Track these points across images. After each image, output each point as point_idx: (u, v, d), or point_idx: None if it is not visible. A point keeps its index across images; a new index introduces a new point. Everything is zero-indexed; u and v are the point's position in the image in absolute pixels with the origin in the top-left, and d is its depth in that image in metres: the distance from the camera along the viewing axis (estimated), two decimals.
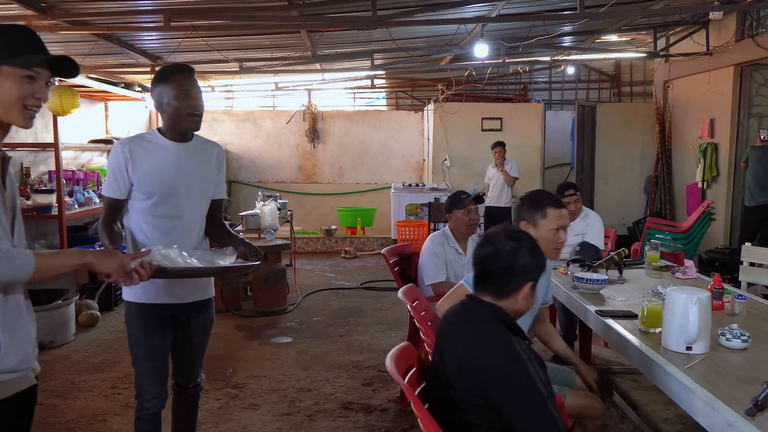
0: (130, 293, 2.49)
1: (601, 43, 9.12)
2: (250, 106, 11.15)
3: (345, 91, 11.26)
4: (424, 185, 9.48)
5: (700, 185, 8.07)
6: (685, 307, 2.27)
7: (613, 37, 8.74)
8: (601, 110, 9.64)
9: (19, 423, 1.72)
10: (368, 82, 10.81)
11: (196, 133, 2.61)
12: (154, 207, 2.47)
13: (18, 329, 1.67)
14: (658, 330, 2.48)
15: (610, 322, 2.74)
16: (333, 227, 9.84)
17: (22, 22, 5.18)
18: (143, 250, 2.18)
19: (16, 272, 1.59)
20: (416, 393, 1.89)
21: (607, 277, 3.42)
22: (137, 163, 2.44)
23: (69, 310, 5.09)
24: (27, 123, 1.65)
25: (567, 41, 8.75)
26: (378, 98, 11.64)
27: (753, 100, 7.60)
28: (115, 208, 2.51)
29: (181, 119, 2.46)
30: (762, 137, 7.06)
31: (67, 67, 1.72)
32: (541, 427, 1.72)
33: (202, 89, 2.56)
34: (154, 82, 2.48)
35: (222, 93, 10.83)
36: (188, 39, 6.26)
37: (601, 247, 4.48)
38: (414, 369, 1.99)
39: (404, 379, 1.85)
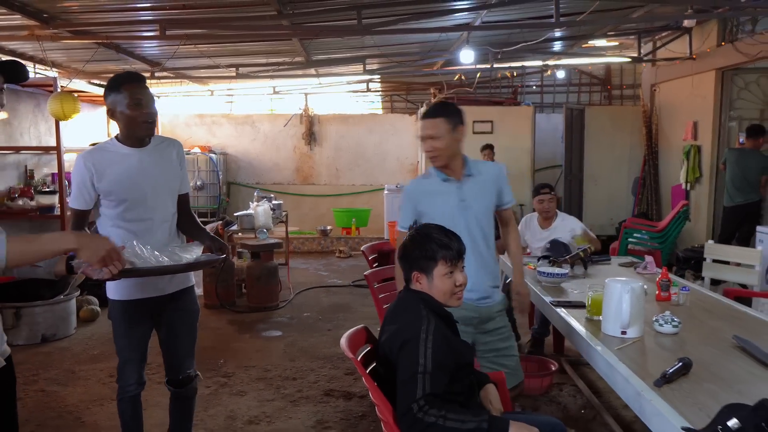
0: (113, 291, 2.67)
1: (590, 48, 9.36)
2: (248, 110, 11.43)
3: (343, 94, 11.51)
4: None
5: (684, 186, 8.29)
6: (620, 296, 2.52)
7: (602, 42, 8.98)
8: (589, 113, 9.86)
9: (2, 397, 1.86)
10: (364, 86, 11.07)
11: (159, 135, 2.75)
12: (125, 212, 2.60)
13: None
14: (600, 317, 2.73)
15: (560, 310, 2.99)
16: (329, 228, 10.11)
17: (25, 32, 5.47)
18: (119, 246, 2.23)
19: None
20: (368, 371, 2.12)
21: (567, 271, 3.67)
22: (102, 174, 2.56)
23: (70, 305, 5.37)
24: None
25: (556, 45, 9.01)
26: (373, 102, 11.89)
27: (734, 104, 7.82)
28: (82, 218, 2.65)
29: (136, 127, 2.55)
30: (741, 140, 7.30)
31: (17, 72, 1.85)
32: (402, 392, 1.90)
33: (196, 95, 2.77)
34: (107, 90, 2.55)
35: (221, 97, 11.11)
36: (184, 46, 6.53)
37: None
38: (368, 348, 2.25)
39: (357, 357, 2.10)
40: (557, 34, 7.94)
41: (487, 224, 2.81)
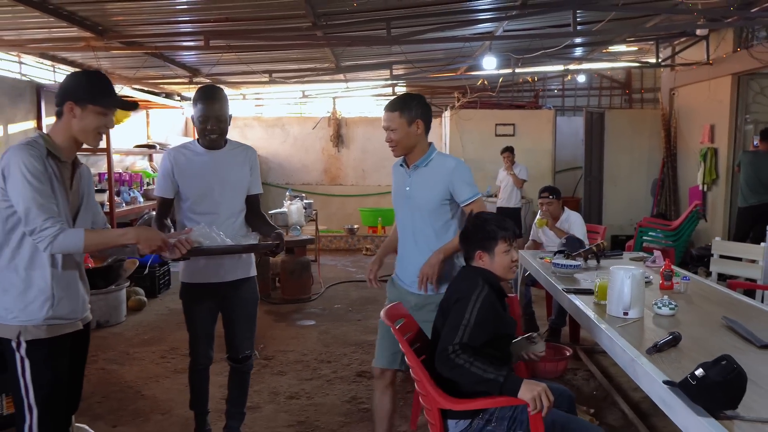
0: (182, 274, 3.09)
1: (610, 53, 9.64)
2: (278, 113, 11.89)
3: (369, 98, 11.91)
4: None
5: (701, 188, 8.54)
6: (622, 281, 2.87)
7: (621, 47, 9.26)
8: (609, 116, 10.13)
9: (76, 356, 2.45)
10: (390, 90, 11.46)
11: (230, 138, 3.13)
12: (194, 205, 3.00)
13: (72, 289, 2.34)
14: (605, 302, 3.07)
15: (571, 296, 3.34)
16: (356, 226, 10.53)
17: (81, 44, 5.95)
18: (185, 229, 2.78)
19: (70, 245, 2.17)
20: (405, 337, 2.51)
21: (579, 263, 4.01)
22: (180, 169, 3.00)
23: (121, 295, 5.83)
24: (96, 144, 2.39)
25: (576, 51, 9.30)
26: None
27: (749, 108, 8.06)
28: (164, 206, 3.08)
29: (201, 136, 3.01)
30: (755, 143, 7.54)
31: (130, 104, 2.45)
32: (445, 335, 2.30)
33: (229, 100, 3.10)
34: (192, 101, 3.04)
35: (253, 100, 11.59)
36: (222, 54, 6.97)
37: (585, 241, 5.06)
38: (404, 320, 2.63)
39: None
40: (577, 40, 8.25)
41: (436, 218, 2.85)
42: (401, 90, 11.67)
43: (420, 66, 9.25)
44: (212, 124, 2.95)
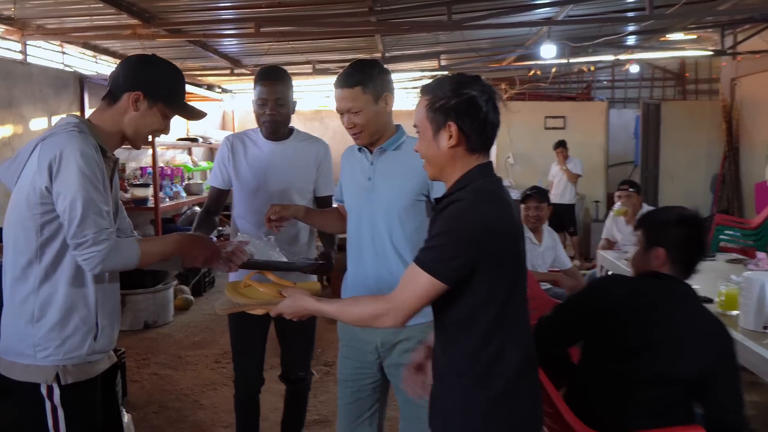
0: (231, 276, 2.61)
1: (665, 41, 9.16)
2: (316, 105, 11.58)
3: (410, 90, 11.57)
4: None
5: None
6: (762, 290, 2.49)
7: (679, 35, 8.78)
8: (665, 108, 9.67)
9: (106, 390, 1.96)
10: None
11: (299, 129, 2.75)
12: (247, 202, 2.64)
13: (114, 314, 1.90)
14: (734, 312, 2.70)
15: None
16: None
17: (127, 31, 5.70)
18: (243, 238, 2.26)
19: (124, 261, 1.76)
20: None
21: None
22: (236, 158, 2.65)
23: (168, 294, 5.58)
24: (140, 146, 2.01)
25: (631, 40, 8.84)
26: None
27: None
28: (216, 199, 2.73)
29: (259, 124, 2.61)
30: None
31: (200, 114, 2.08)
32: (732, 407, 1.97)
33: (289, 95, 2.61)
34: (253, 84, 2.63)
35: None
36: (264, 43, 6.69)
37: None
38: None
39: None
40: (630, 28, 7.81)
41: (407, 219, 2.13)
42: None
43: (467, 56, 8.87)
44: (271, 108, 2.55)
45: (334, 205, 2.48)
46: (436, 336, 1.71)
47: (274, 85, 2.55)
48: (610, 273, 4.45)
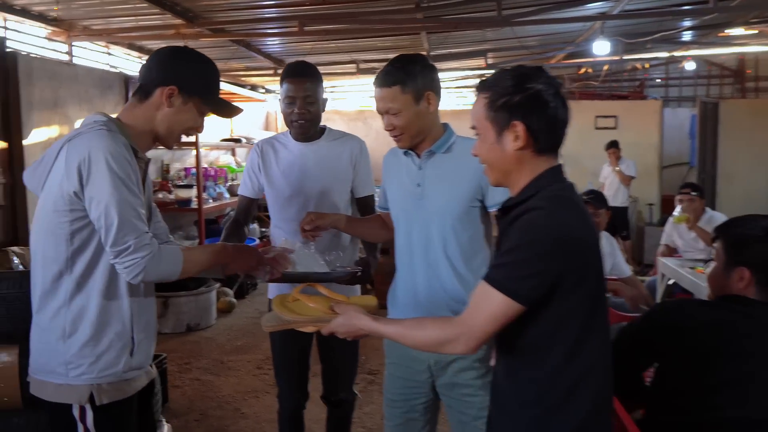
0: (271, 289, 2.53)
1: (723, 37, 8.73)
2: (359, 106, 11.48)
3: (453, 89, 11.37)
4: None
5: None
6: None
7: (739, 30, 8.35)
8: (724, 107, 9.22)
9: (143, 412, 1.83)
10: (476, 81, 10.88)
11: (332, 128, 2.55)
12: (281, 210, 2.49)
13: (150, 327, 1.77)
14: None
15: None
16: None
17: (171, 31, 5.67)
18: (288, 245, 2.11)
19: (168, 268, 1.63)
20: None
21: None
22: (266, 165, 2.49)
23: (211, 296, 5.52)
24: (172, 146, 1.84)
25: (687, 35, 8.45)
26: None
27: None
28: (246, 209, 2.56)
29: (288, 124, 2.43)
30: None
31: (236, 110, 1.89)
32: None
33: (320, 93, 2.43)
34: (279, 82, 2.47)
35: (329, 93, 11.23)
36: (307, 43, 6.58)
37: None
38: None
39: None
40: (686, 23, 7.44)
41: (462, 228, 1.97)
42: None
43: (515, 54, 8.62)
44: (300, 106, 2.34)
45: (377, 211, 2.34)
46: (498, 359, 1.53)
47: (302, 81, 2.36)
48: (671, 281, 4.19)
